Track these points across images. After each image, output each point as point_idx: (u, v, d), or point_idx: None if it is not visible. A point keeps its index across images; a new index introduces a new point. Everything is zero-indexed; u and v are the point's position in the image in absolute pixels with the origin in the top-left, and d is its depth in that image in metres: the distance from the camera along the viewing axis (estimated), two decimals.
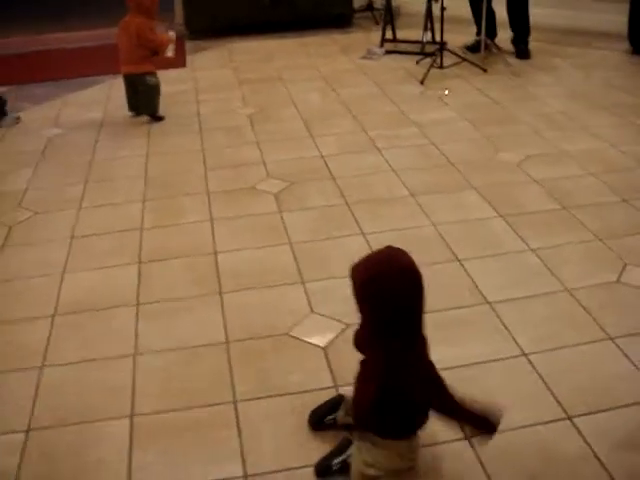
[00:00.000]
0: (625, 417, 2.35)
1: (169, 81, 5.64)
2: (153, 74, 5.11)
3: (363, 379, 2.06)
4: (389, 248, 2.00)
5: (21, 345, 2.90)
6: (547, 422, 2.36)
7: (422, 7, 6.17)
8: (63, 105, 5.67)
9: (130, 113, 5.23)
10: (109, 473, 2.27)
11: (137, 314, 3.04)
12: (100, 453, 2.35)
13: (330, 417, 2.33)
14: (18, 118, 5.33)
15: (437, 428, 2.33)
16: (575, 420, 2.35)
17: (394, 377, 1.92)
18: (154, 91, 5.13)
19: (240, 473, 2.25)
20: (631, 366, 2.57)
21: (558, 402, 2.43)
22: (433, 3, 5.89)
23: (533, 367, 2.59)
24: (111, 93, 5.86)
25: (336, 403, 2.37)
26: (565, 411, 2.39)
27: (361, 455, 2.14)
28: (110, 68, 5.90)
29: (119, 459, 2.32)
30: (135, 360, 2.77)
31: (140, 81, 5.07)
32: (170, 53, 5.08)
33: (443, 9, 5.74)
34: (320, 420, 2.34)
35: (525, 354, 2.66)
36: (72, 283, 3.29)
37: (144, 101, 5.15)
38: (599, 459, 2.19)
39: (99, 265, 3.42)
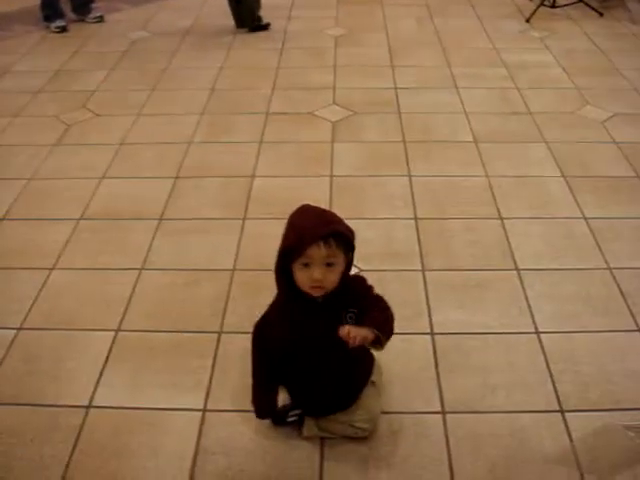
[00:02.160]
0: (622, 422, 2.11)
1: None
2: None
3: None
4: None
5: (39, 244, 2.93)
6: (536, 411, 2.16)
7: None
8: (158, 9, 5.63)
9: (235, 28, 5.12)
10: (77, 383, 2.28)
11: (156, 229, 3.00)
12: (76, 362, 2.36)
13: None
14: (101, 17, 5.33)
15: (410, 397, 2.19)
16: (567, 415, 2.14)
17: None
18: (244, 7, 4.97)
19: (200, 406, 2.19)
20: None
21: (555, 392, 2.21)
22: None
23: (542, 348, 2.37)
24: (208, 0, 5.75)
25: None
26: (560, 403, 2.17)
27: (318, 420, 2.04)
28: None
29: (91, 371, 2.32)
30: (139, 275, 2.74)
31: None
32: None
33: None
34: (282, 418, 2.17)
35: (538, 332, 2.43)
36: (106, 189, 3.28)
37: (243, 10, 5.00)
38: (578, 464, 1.98)
39: (137, 175, 3.39)
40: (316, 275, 1.72)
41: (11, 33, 5.18)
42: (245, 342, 2.38)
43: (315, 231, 1.69)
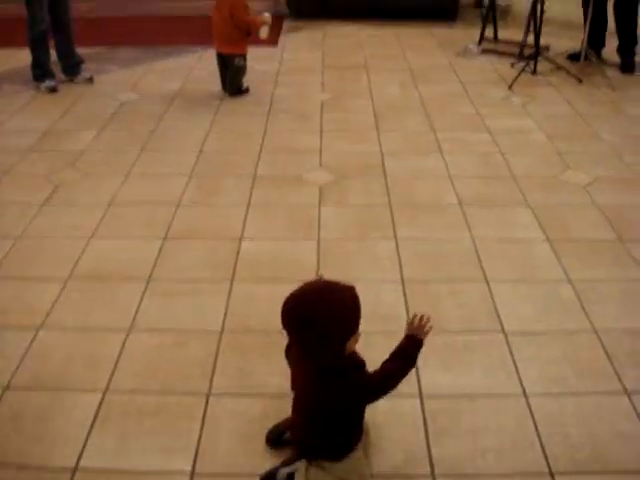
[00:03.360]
0: None
1: (256, 58, 5.59)
2: (242, 56, 5.06)
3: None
4: (323, 282, 1.85)
5: (28, 303, 2.93)
6: (525, 474, 2.16)
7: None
8: (146, 71, 5.72)
9: (222, 92, 5.23)
10: (64, 445, 2.25)
11: (145, 290, 3.00)
12: (63, 424, 2.34)
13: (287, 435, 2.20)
14: (91, 78, 5.42)
15: (400, 460, 2.19)
16: (557, 478, 2.14)
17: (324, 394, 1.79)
18: (239, 72, 5.10)
19: (188, 469, 2.17)
20: None
21: (545, 455, 2.21)
22: (538, 5, 5.52)
23: (530, 411, 2.38)
24: (196, 65, 5.88)
25: None
26: (549, 467, 2.17)
27: (308, 476, 2.02)
28: (203, 39, 5.94)
29: (78, 432, 2.30)
30: (128, 336, 2.74)
31: (229, 61, 5.04)
32: (263, 35, 4.96)
33: (542, 12, 5.41)
34: (278, 437, 2.21)
35: (526, 395, 2.45)
36: (95, 249, 3.30)
37: (230, 80, 5.13)
38: None
39: (126, 235, 3.41)
40: None
41: (1, 92, 5.24)
42: (234, 404, 2.40)
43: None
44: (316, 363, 1.82)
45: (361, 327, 1.84)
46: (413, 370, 2.49)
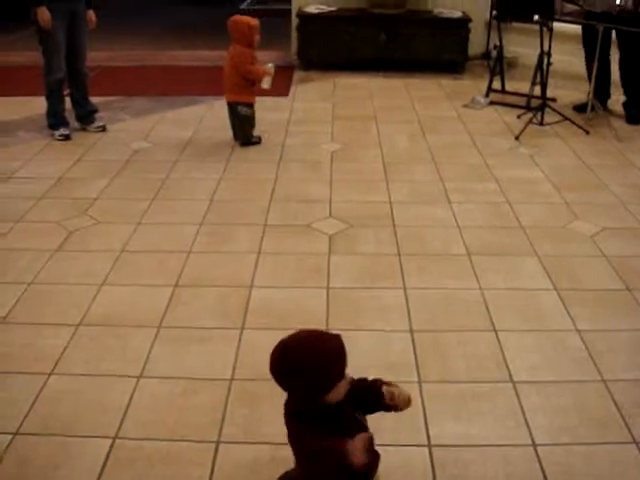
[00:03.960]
0: None
1: (267, 108, 5.70)
2: (248, 105, 5.14)
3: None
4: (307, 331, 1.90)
5: (39, 349, 2.95)
6: None
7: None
8: (159, 120, 5.82)
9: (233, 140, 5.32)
10: None
11: (155, 337, 3.03)
12: (71, 470, 2.35)
13: None
14: (104, 127, 5.52)
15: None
16: None
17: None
18: (245, 121, 5.18)
19: None
20: None
21: None
22: (545, 57, 5.63)
23: (539, 462, 2.37)
24: (207, 114, 5.98)
25: None
26: None
27: None
28: (213, 89, 6.06)
29: None
30: (138, 383, 2.75)
31: (235, 109, 5.15)
32: (266, 85, 5.01)
33: (549, 64, 5.51)
34: None
35: (535, 445, 2.45)
36: (106, 296, 3.33)
37: (237, 128, 5.23)
38: None
39: (137, 282, 3.44)
40: None
41: (16, 139, 5.34)
42: (244, 452, 2.40)
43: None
44: (295, 409, 1.87)
45: (371, 375, 1.86)
46: (422, 420, 2.53)
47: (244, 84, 5.07)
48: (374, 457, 1.98)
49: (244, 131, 5.22)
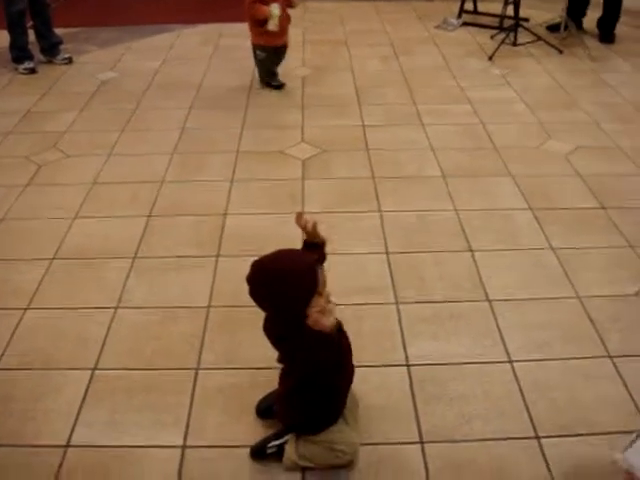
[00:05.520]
0: (597, 446, 2.15)
1: (236, 35, 5.58)
2: (261, 48, 4.77)
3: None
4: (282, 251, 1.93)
5: (13, 285, 2.93)
6: (512, 438, 2.19)
7: None
8: (126, 50, 5.67)
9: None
10: (55, 423, 2.27)
11: (131, 268, 3.00)
12: (53, 402, 2.35)
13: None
14: (69, 59, 5.37)
15: (389, 428, 2.22)
16: (543, 441, 2.18)
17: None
18: (259, 65, 4.90)
19: (179, 442, 2.20)
20: (623, 391, 2.35)
21: (530, 419, 2.25)
22: None
23: (515, 376, 2.41)
24: (176, 42, 5.84)
25: None
26: (535, 430, 2.22)
27: (298, 447, 2.05)
28: (181, 17, 5.90)
29: (68, 410, 2.31)
30: (115, 314, 2.74)
31: (253, 51, 4.86)
32: (271, 27, 4.56)
33: None
34: (267, 408, 2.24)
35: (511, 361, 2.48)
36: (79, 229, 3.29)
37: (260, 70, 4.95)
38: None
39: (110, 214, 3.40)
40: None
41: None
42: (223, 377, 2.41)
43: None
44: (277, 332, 1.89)
45: (348, 299, 1.86)
46: (400, 340, 2.55)
47: (253, 24, 4.71)
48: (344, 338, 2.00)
49: (260, 73, 4.93)
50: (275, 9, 4.48)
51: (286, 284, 1.78)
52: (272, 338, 1.94)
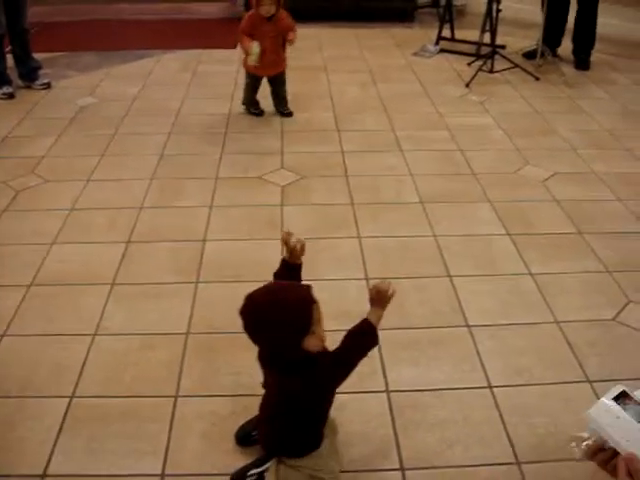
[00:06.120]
0: (578, 471, 2.15)
1: (215, 61, 5.59)
2: (246, 72, 4.74)
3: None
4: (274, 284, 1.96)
5: None
6: (493, 464, 2.19)
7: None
8: (105, 76, 5.67)
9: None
10: (31, 452, 2.24)
11: (109, 294, 2.98)
12: (29, 431, 2.32)
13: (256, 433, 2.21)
14: (48, 84, 5.36)
15: (369, 455, 2.21)
16: (524, 467, 2.18)
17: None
18: (244, 87, 4.85)
19: (158, 471, 2.17)
20: None
21: (511, 444, 2.26)
22: (494, 4, 5.59)
23: (495, 402, 2.42)
24: (154, 68, 5.84)
25: None
26: (515, 455, 2.22)
27: (278, 473, 2.04)
28: (161, 43, 5.91)
29: (45, 439, 2.28)
30: (93, 341, 2.72)
31: None
32: (250, 62, 4.48)
33: (498, 10, 5.50)
34: (247, 435, 2.22)
35: (491, 386, 2.49)
36: (57, 255, 3.26)
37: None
38: None
39: (88, 240, 3.38)
40: None
41: None
42: (202, 405, 2.39)
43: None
44: (275, 363, 1.87)
45: (327, 325, 1.86)
46: (379, 366, 2.55)
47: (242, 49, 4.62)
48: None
49: (243, 96, 4.88)
50: (256, 47, 4.43)
51: (280, 317, 1.77)
52: (267, 368, 1.93)
